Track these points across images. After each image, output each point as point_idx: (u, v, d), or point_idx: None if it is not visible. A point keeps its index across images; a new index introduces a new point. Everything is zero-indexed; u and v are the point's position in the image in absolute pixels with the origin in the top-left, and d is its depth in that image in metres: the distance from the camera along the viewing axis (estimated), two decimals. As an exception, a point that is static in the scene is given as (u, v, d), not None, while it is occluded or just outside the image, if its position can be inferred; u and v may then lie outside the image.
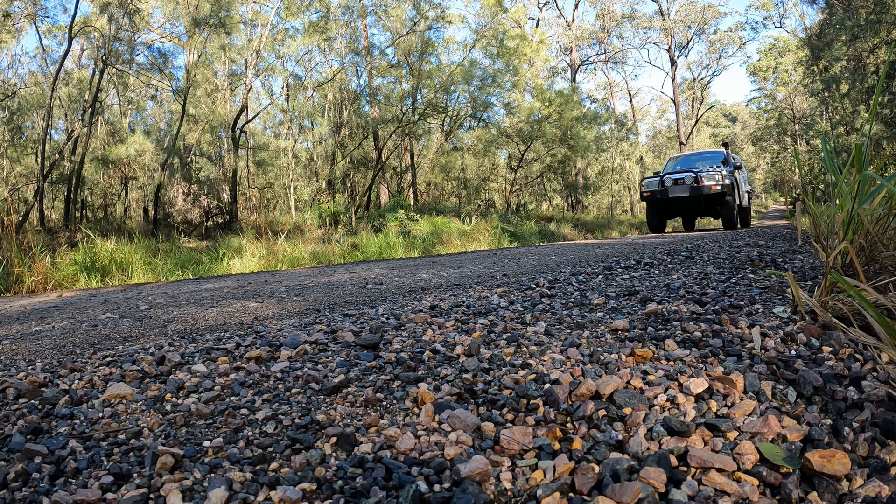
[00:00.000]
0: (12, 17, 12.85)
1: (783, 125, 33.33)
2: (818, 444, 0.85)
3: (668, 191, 10.29)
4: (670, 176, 10.38)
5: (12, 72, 17.32)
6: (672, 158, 12.55)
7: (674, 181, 10.35)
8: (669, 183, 10.37)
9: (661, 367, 1.10)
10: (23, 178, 16.28)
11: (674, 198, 10.30)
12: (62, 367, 1.29)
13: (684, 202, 10.42)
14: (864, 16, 15.28)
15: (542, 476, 0.80)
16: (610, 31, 32.58)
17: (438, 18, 16.73)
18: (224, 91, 15.95)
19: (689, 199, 10.24)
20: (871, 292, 1.15)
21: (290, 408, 1.01)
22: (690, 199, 10.20)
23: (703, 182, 9.89)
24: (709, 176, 9.86)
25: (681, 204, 10.52)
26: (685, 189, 10.09)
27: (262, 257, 6.77)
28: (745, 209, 12.16)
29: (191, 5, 13.18)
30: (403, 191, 20.25)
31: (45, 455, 0.85)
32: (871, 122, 1.53)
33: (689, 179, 10.09)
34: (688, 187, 10.06)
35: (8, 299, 3.75)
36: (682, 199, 10.34)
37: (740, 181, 11.15)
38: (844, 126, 18.61)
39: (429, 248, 8.95)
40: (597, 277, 2.28)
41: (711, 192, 9.80)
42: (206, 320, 2.07)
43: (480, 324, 1.49)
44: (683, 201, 10.39)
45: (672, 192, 10.25)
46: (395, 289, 2.68)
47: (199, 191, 15.30)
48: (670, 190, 10.28)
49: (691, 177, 10.08)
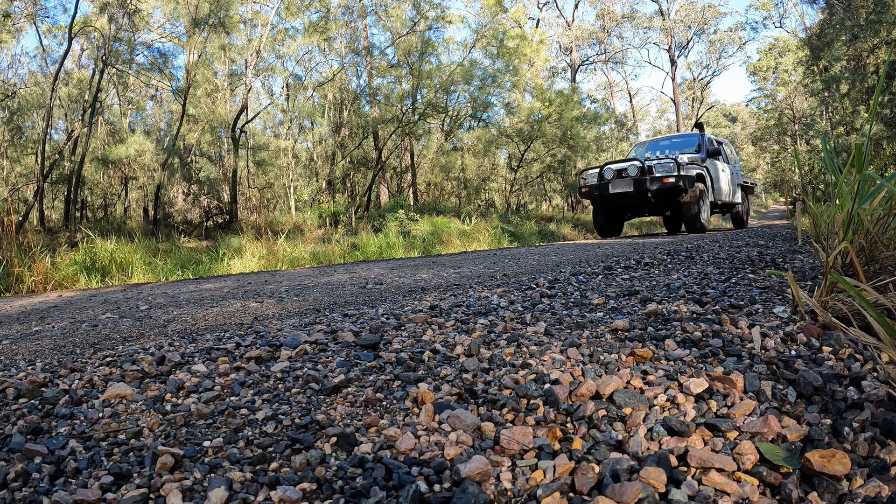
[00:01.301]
0: (12, 17, 12.85)
1: (783, 125, 33.33)
2: (818, 444, 0.85)
3: (609, 186, 7.96)
4: (611, 167, 8.07)
5: (12, 72, 17.32)
6: (639, 144, 10.21)
7: (616, 173, 7.97)
8: (610, 175, 7.98)
9: (661, 367, 1.10)
10: (23, 178, 16.27)
11: (616, 194, 7.96)
12: (62, 367, 1.29)
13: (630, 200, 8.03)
14: (864, 16, 15.28)
15: (542, 476, 0.80)
16: (610, 31, 32.57)
17: (438, 18, 16.74)
18: (224, 91, 15.95)
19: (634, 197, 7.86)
20: (871, 292, 1.15)
21: (290, 408, 1.01)
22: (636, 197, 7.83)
23: (655, 173, 7.59)
24: (661, 165, 7.59)
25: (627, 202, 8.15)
26: (628, 183, 7.77)
27: (262, 257, 6.77)
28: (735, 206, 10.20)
29: (191, 5, 13.18)
30: (403, 191, 20.26)
31: (45, 455, 0.85)
32: (871, 122, 1.54)
33: (633, 170, 7.72)
34: (631, 181, 7.73)
35: (8, 299, 3.75)
36: (626, 197, 7.95)
37: (719, 171, 8.95)
38: (844, 126, 18.62)
39: (429, 248, 8.95)
40: (597, 277, 2.28)
41: (663, 185, 7.51)
42: (206, 320, 2.07)
43: (480, 324, 1.49)
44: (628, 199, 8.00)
45: (613, 186, 7.93)
46: (395, 289, 2.68)
47: (199, 191, 15.30)
48: (611, 185, 7.95)
49: (637, 167, 7.72)
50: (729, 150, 10.22)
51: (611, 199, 8.19)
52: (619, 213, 9.00)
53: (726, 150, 9.91)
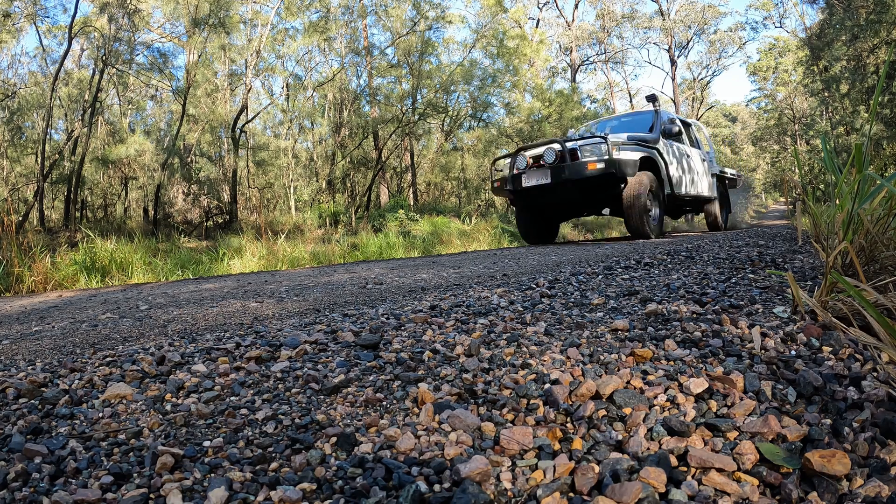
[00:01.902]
0: (12, 17, 12.85)
1: (783, 125, 33.34)
2: (818, 444, 0.85)
3: (522, 177, 6.12)
4: (525, 153, 6.25)
5: (12, 72, 17.31)
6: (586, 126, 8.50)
7: (531, 161, 6.16)
8: (523, 164, 6.17)
9: (661, 367, 1.10)
10: (23, 178, 16.27)
11: (531, 189, 6.07)
12: (62, 367, 1.29)
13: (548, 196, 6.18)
14: (864, 16, 15.28)
15: (542, 476, 0.80)
16: (610, 31, 32.58)
17: (438, 18, 16.74)
18: (224, 91, 15.95)
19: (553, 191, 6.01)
20: (871, 292, 1.15)
21: (290, 408, 1.01)
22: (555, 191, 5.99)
23: (580, 157, 5.71)
24: (589, 148, 5.73)
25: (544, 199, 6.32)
26: (545, 174, 5.90)
27: (262, 257, 6.78)
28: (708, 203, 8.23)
29: (191, 5, 13.18)
30: (403, 191, 20.26)
31: (45, 455, 0.85)
32: (871, 122, 1.54)
33: (551, 155, 5.87)
34: (548, 170, 5.86)
35: (8, 299, 3.75)
36: (543, 192, 6.07)
37: (681, 157, 7.03)
38: (844, 126, 18.62)
39: (429, 248, 8.95)
40: (597, 277, 2.28)
41: (588, 174, 5.60)
42: (206, 320, 2.07)
43: (480, 324, 1.49)
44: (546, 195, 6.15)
45: (528, 178, 6.06)
46: (395, 289, 2.68)
47: (199, 191, 15.30)
48: (525, 176, 6.09)
49: (555, 151, 5.86)
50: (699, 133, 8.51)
51: (526, 196, 6.31)
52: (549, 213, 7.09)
53: (695, 133, 8.22)
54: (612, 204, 6.42)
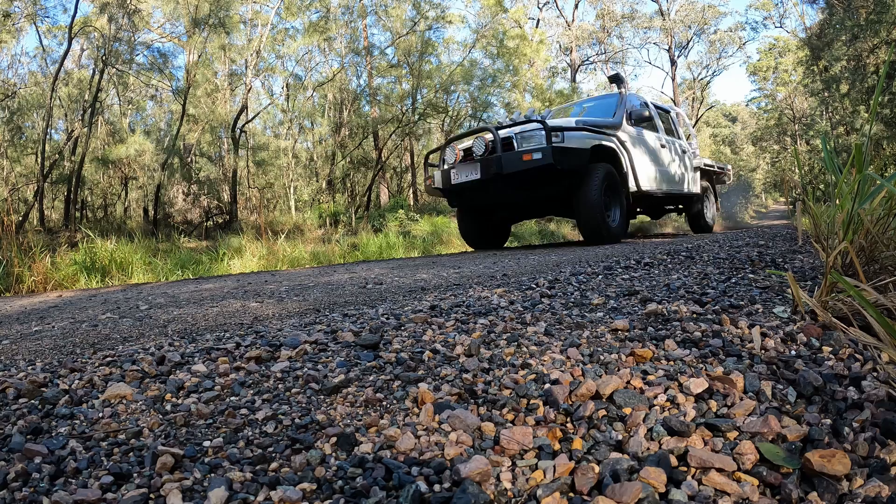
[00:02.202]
0: (12, 17, 12.85)
1: (783, 125, 33.34)
2: (818, 444, 0.85)
3: (451, 174, 5.28)
4: (453, 146, 5.43)
5: (12, 72, 17.31)
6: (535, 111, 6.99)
7: (461, 153, 5.34)
8: (452, 158, 5.35)
9: (661, 367, 1.10)
10: (23, 178, 16.27)
11: (461, 186, 5.23)
12: (62, 367, 1.29)
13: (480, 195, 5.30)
14: (864, 16, 15.28)
15: (542, 476, 0.80)
16: (610, 31, 32.57)
17: (438, 18, 16.75)
18: (224, 91, 15.95)
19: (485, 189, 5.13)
20: (871, 292, 1.15)
21: (290, 408, 1.01)
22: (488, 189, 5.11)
23: (516, 147, 4.89)
24: (525, 136, 4.88)
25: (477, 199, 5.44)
26: (475, 168, 5.04)
27: (262, 257, 6.78)
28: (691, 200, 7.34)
29: (191, 5, 13.18)
30: (403, 191, 20.26)
31: (45, 455, 0.85)
32: (871, 122, 1.54)
33: (480, 146, 5.04)
34: (478, 164, 5.01)
35: (8, 299, 3.75)
36: (474, 190, 5.22)
37: (651, 146, 6.13)
38: (844, 126, 18.62)
39: (429, 248, 8.95)
40: (597, 277, 2.28)
41: (523, 166, 4.76)
42: (206, 320, 2.07)
43: (480, 324, 1.49)
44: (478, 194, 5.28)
45: (457, 174, 5.21)
46: (395, 289, 2.68)
47: (199, 191, 15.31)
48: (454, 171, 5.25)
49: (484, 142, 5.03)
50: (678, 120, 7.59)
51: (458, 195, 5.47)
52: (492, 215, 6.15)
53: (674, 119, 7.31)
54: (560, 202, 5.47)
